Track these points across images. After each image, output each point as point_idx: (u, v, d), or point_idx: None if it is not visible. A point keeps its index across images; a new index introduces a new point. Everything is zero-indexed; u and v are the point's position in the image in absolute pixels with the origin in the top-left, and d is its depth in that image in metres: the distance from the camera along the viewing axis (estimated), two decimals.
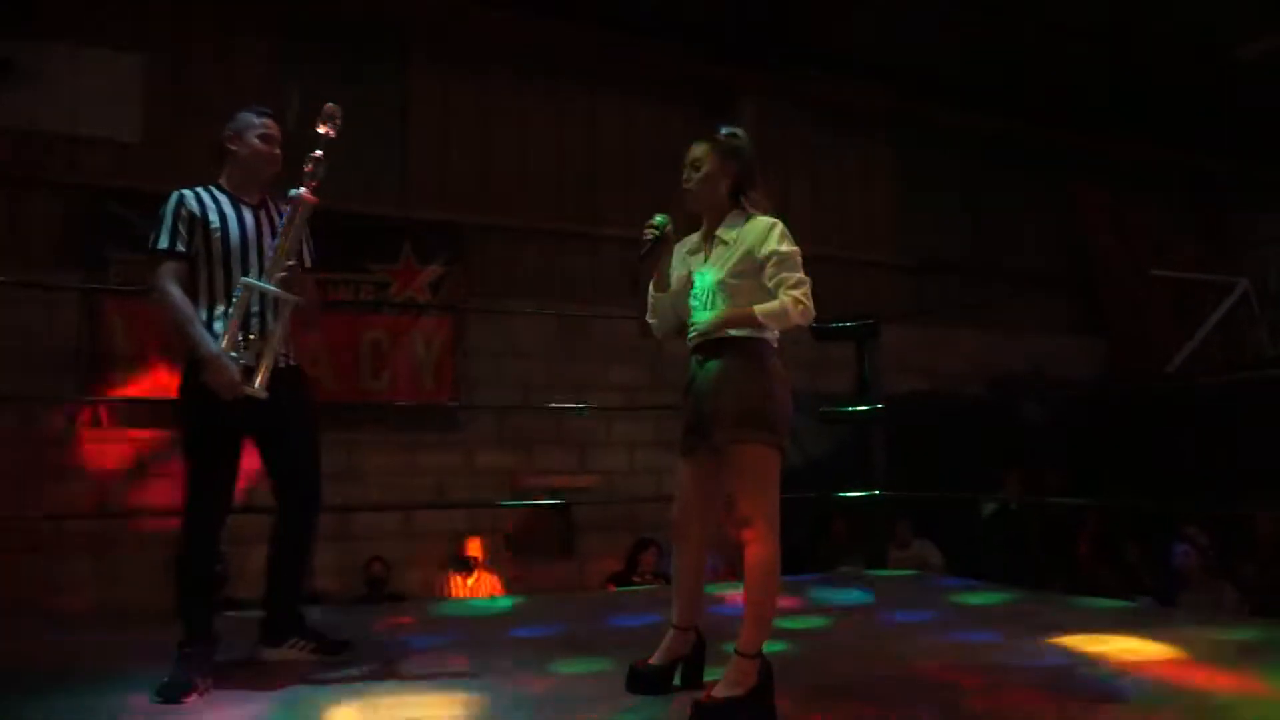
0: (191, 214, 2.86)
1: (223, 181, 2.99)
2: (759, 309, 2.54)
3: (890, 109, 9.07)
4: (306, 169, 2.89)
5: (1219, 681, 2.98)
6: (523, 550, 7.44)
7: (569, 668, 2.97)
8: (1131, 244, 9.86)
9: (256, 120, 3.00)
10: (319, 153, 2.89)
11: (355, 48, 7.46)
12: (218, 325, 2.81)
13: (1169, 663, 3.22)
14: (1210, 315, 8.88)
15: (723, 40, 8.04)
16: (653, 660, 2.68)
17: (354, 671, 2.89)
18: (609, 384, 7.77)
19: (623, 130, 8.24)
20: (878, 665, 3.00)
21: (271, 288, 2.83)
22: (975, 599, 4.33)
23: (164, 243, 2.84)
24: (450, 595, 6.68)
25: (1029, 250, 9.79)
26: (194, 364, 2.79)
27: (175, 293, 2.81)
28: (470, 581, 6.89)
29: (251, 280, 2.83)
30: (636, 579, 6.68)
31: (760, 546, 2.55)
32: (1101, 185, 10.17)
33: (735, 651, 2.52)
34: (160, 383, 6.43)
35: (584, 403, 7.52)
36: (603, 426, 7.75)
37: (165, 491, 6.29)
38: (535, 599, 4.71)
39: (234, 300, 2.81)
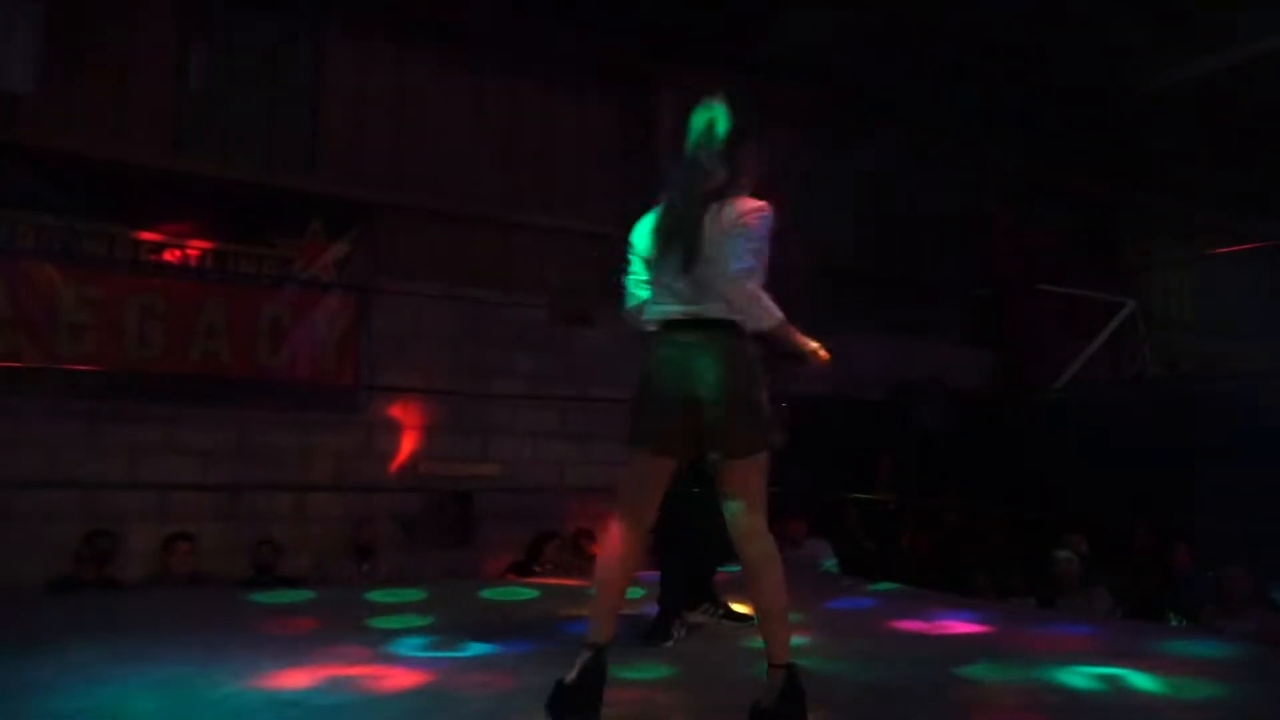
0: None
1: None
2: None
3: (805, 110, 9.12)
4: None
5: (1088, 679, 3.11)
6: (420, 538, 7.32)
7: None
8: (1030, 262, 10.20)
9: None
10: None
11: (269, 11, 7.21)
12: None
13: (1044, 662, 3.35)
14: (1099, 334, 9.22)
15: (643, 32, 8.02)
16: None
17: None
18: (515, 372, 7.70)
19: (541, 117, 8.13)
20: None
21: None
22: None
23: None
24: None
25: (930, 261, 10.02)
26: None
27: None
28: (366, 567, 6.74)
29: None
30: (538, 569, 6.63)
31: None
32: (1005, 203, 10.50)
33: None
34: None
35: (488, 391, 7.43)
36: (507, 415, 7.67)
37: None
38: None
39: None
